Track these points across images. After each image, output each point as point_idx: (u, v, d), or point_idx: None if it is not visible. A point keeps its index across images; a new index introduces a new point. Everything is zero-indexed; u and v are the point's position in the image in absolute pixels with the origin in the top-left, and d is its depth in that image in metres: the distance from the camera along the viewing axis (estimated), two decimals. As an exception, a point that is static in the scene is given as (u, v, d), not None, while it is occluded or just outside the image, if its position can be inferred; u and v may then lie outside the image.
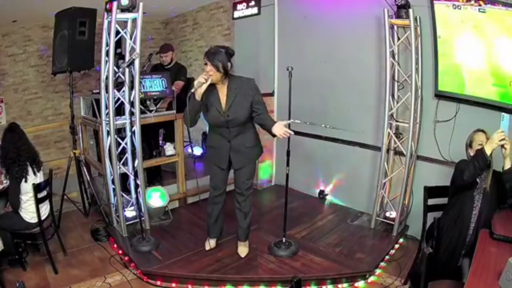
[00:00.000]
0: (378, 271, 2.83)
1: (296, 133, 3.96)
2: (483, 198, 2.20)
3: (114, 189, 3.20)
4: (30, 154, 2.75)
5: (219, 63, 2.38)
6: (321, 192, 4.10)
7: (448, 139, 3.03)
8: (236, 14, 4.35)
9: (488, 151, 2.07)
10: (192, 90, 2.40)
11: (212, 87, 2.46)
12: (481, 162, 2.08)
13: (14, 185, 2.64)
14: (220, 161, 2.67)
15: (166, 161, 3.81)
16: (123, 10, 2.94)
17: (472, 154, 2.28)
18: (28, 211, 2.71)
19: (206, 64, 2.41)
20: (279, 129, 2.42)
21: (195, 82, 2.38)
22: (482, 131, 2.29)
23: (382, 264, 2.91)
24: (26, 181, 2.66)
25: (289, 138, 2.83)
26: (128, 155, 3.27)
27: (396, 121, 3.27)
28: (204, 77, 2.37)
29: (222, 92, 2.51)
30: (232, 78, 2.51)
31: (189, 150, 4.10)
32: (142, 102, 3.40)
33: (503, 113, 2.11)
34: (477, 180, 2.20)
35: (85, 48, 3.61)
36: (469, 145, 2.33)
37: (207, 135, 2.91)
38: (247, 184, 2.74)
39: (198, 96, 2.40)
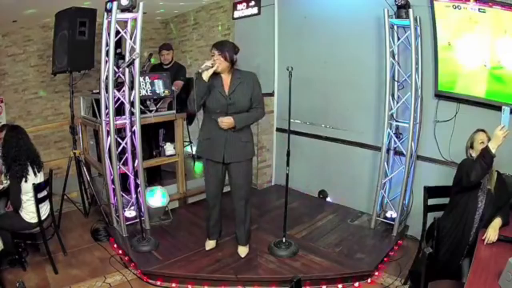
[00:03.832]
0: (378, 271, 2.82)
1: (296, 133, 4.00)
2: (486, 199, 2.20)
3: (114, 189, 3.20)
4: (31, 154, 2.75)
5: (227, 54, 2.50)
6: (321, 192, 4.10)
7: (448, 139, 3.03)
8: (236, 14, 4.35)
9: (493, 149, 2.07)
10: (200, 71, 2.46)
11: (216, 75, 2.54)
12: (487, 160, 2.08)
13: (14, 184, 2.64)
14: (214, 153, 2.63)
15: (166, 161, 3.81)
16: (123, 10, 2.94)
17: (474, 154, 2.27)
18: (28, 211, 2.71)
19: (213, 55, 2.51)
20: (223, 120, 2.53)
21: (202, 66, 2.47)
22: (482, 130, 2.29)
23: (382, 264, 2.91)
24: (26, 181, 2.66)
25: (289, 138, 2.85)
26: (128, 155, 3.27)
27: (396, 121, 3.27)
28: (211, 62, 2.47)
29: (226, 80, 2.59)
30: (236, 70, 2.63)
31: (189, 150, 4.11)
32: (142, 102, 3.40)
33: (504, 106, 2.11)
34: (481, 180, 2.19)
35: (85, 48, 3.60)
36: (470, 146, 2.33)
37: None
38: (243, 187, 2.70)
39: (205, 78, 2.46)
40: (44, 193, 2.78)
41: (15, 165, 2.64)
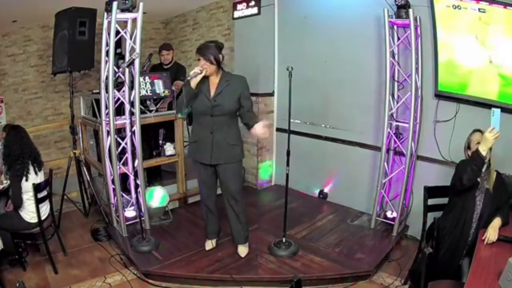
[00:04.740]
0: (378, 271, 2.82)
1: (296, 133, 4.00)
2: (485, 198, 2.20)
3: (114, 189, 3.20)
4: (32, 153, 2.76)
5: (211, 56, 2.50)
6: (321, 192, 4.10)
7: (448, 139, 3.03)
8: (236, 14, 4.35)
9: (483, 152, 2.09)
10: (188, 78, 2.48)
11: (204, 78, 2.55)
12: (478, 163, 2.11)
13: (15, 182, 2.64)
14: (201, 155, 2.65)
15: (166, 161, 3.81)
16: (123, 10, 2.94)
17: (470, 155, 2.28)
18: (28, 211, 2.71)
19: (199, 59, 2.53)
20: (258, 129, 2.51)
21: (191, 72, 2.48)
22: (479, 130, 2.29)
23: (382, 264, 2.91)
24: (27, 180, 2.66)
25: (289, 138, 2.85)
26: (128, 155, 3.27)
27: (396, 121, 3.27)
28: (199, 68, 2.48)
29: (214, 82, 2.60)
30: (225, 73, 2.63)
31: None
32: (142, 102, 3.40)
33: (493, 108, 2.11)
34: (478, 179, 2.20)
35: (85, 48, 3.60)
36: (468, 147, 2.34)
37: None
38: (232, 187, 2.71)
39: (193, 85, 2.48)
40: (44, 193, 2.79)
41: (16, 163, 2.64)
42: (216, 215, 2.93)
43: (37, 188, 2.65)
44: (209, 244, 2.98)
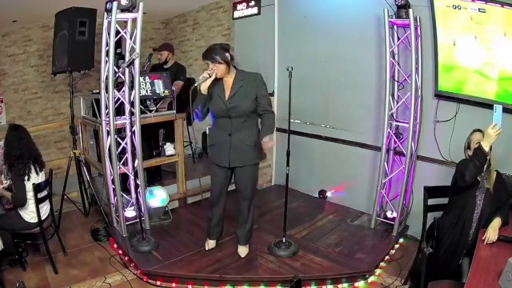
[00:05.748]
0: (378, 271, 2.82)
1: (296, 133, 4.00)
2: (485, 198, 2.21)
3: (114, 189, 3.20)
4: (33, 153, 2.76)
5: (217, 57, 2.45)
6: (321, 192, 4.10)
7: (448, 139, 3.03)
8: (236, 14, 4.35)
9: (486, 147, 2.09)
10: (196, 85, 2.46)
11: (218, 80, 2.52)
12: (481, 159, 2.10)
13: (18, 181, 2.63)
14: (220, 158, 2.63)
15: (166, 161, 3.81)
16: (123, 10, 2.94)
17: (471, 154, 2.28)
18: (29, 211, 2.71)
19: (207, 64, 2.49)
20: (265, 143, 2.45)
21: (200, 77, 2.45)
22: (479, 130, 2.29)
23: (382, 264, 2.91)
24: (28, 180, 2.66)
25: (289, 138, 2.85)
26: (128, 155, 3.27)
27: (396, 121, 3.27)
28: (208, 72, 2.45)
29: (228, 83, 2.55)
30: (239, 72, 2.57)
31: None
32: (142, 102, 3.40)
33: (495, 105, 2.12)
34: (478, 179, 2.20)
35: (85, 48, 3.60)
36: (468, 147, 2.34)
37: (207, 136, 2.89)
38: (248, 189, 2.71)
39: (203, 90, 2.46)
40: (44, 193, 2.78)
41: (18, 164, 2.64)
42: (222, 216, 2.91)
43: (37, 188, 2.65)
44: (209, 244, 2.98)
